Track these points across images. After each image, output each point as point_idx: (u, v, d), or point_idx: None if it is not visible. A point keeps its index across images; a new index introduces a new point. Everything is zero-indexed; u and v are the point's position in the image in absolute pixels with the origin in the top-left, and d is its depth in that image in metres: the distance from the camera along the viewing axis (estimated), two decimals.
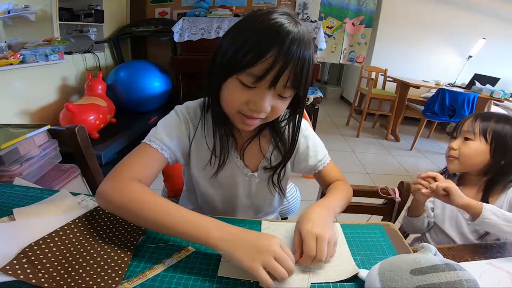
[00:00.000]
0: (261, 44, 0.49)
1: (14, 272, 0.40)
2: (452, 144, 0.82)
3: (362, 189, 0.90)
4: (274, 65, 0.48)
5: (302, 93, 0.55)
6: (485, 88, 3.01)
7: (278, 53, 0.48)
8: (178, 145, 0.62)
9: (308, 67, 0.52)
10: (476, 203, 0.68)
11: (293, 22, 0.51)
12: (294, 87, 0.53)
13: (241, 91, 0.53)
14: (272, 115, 0.57)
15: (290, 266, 0.44)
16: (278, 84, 0.51)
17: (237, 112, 0.55)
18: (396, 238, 0.58)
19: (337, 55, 4.11)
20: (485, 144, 0.77)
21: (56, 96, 2.48)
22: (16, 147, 0.87)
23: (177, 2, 3.43)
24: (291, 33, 0.49)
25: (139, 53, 3.54)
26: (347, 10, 3.89)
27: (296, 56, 0.49)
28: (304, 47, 0.51)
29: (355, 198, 0.91)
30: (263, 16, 0.52)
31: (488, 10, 3.69)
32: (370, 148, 3.17)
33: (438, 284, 0.36)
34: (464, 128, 0.82)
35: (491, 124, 0.77)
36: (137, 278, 0.44)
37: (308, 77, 0.53)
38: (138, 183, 0.53)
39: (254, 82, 0.51)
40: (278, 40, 0.49)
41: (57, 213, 0.55)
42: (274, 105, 0.54)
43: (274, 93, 0.53)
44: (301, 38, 0.50)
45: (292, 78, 0.51)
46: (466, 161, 0.80)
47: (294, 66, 0.50)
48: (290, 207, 1.01)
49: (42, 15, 2.40)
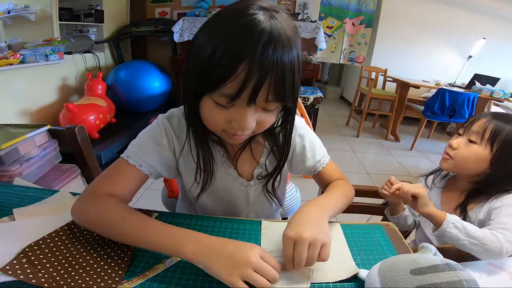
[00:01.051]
0: (230, 55, 0.41)
1: (14, 272, 0.40)
2: (452, 142, 0.76)
3: (362, 189, 0.90)
4: (248, 80, 0.41)
5: (290, 103, 0.48)
6: (485, 88, 3.01)
7: (251, 64, 0.41)
8: (159, 160, 0.57)
9: (292, 72, 0.44)
10: (439, 213, 0.65)
11: (268, 17, 0.42)
12: (278, 100, 0.46)
13: (219, 112, 0.47)
14: (260, 129, 0.51)
15: (271, 275, 0.42)
16: (257, 99, 0.44)
17: (221, 130, 0.51)
18: (396, 238, 0.58)
19: (337, 55, 4.11)
20: (489, 153, 0.70)
21: (56, 96, 2.49)
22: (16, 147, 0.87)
23: (177, 2, 3.43)
24: (265, 34, 0.41)
25: (139, 53, 3.55)
26: (347, 10, 3.90)
27: (275, 63, 0.41)
28: (283, 50, 0.42)
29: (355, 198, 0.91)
30: (234, 14, 0.44)
31: (488, 10, 3.69)
32: (370, 148, 3.17)
33: (438, 284, 0.36)
34: (473, 128, 0.73)
35: (505, 131, 0.69)
36: (137, 278, 0.44)
37: (295, 83, 0.46)
38: (113, 199, 0.51)
39: (229, 102, 0.44)
40: (249, 47, 0.40)
41: (57, 213, 0.55)
42: (260, 120, 0.49)
43: (257, 108, 0.46)
44: (278, 38, 0.41)
45: (273, 90, 0.44)
46: (460, 164, 0.75)
47: (274, 77, 0.42)
48: (290, 207, 1.00)
49: (42, 15, 2.40)
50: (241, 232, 0.57)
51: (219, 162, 0.62)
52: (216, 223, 0.59)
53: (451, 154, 0.76)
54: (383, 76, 3.60)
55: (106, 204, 0.50)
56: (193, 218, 0.60)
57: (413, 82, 3.09)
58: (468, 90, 3.07)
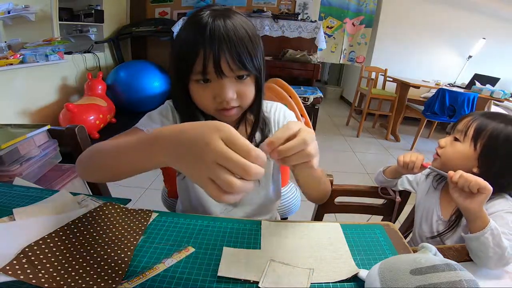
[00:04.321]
0: (191, 42, 0.53)
1: (14, 272, 0.40)
2: (440, 141, 0.77)
3: (362, 189, 0.90)
4: (207, 54, 0.51)
5: (253, 71, 0.56)
6: (485, 88, 3.01)
7: (206, 43, 0.51)
8: None
9: (243, 45, 0.53)
10: (486, 216, 0.59)
11: (214, 12, 0.53)
12: (239, 67, 0.53)
13: (203, 90, 0.56)
14: (244, 101, 0.58)
15: (242, 168, 0.30)
16: (223, 70, 0.52)
17: (214, 110, 0.58)
18: (396, 238, 0.58)
19: (337, 55, 4.11)
20: (473, 150, 0.70)
21: (56, 96, 2.49)
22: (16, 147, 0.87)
23: (177, 2, 3.44)
24: (210, 18, 0.52)
25: (139, 53, 3.55)
26: (347, 10, 3.90)
27: (225, 38, 0.51)
28: (231, 27, 0.52)
29: (355, 198, 0.91)
30: (189, 19, 0.56)
31: (488, 10, 3.69)
32: (370, 148, 3.17)
33: (438, 284, 0.36)
34: (458, 126, 0.75)
35: (489, 129, 0.68)
36: (137, 278, 0.44)
37: (251, 54, 0.54)
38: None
39: (203, 76, 0.54)
40: (202, 32, 0.51)
41: (57, 213, 0.55)
42: (239, 90, 0.56)
43: (230, 80, 0.55)
44: (223, 21, 0.52)
45: (230, 59, 0.52)
46: (446, 162, 0.75)
47: (226, 49, 0.51)
48: (290, 207, 1.00)
49: (42, 15, 2.40)
50: (241, 232, 0.57)
51: None
52: (216, 223, 0.59)
53: (439, 152, 0.77)
54: (383, 76, 3.60)
55: (94, 145, 0.52)
56: (193, 218, 0.60)
57: (413, 82, 3.09)
58: (468, 90, 3.07)
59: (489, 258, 0.57)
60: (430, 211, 0.80)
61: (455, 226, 0.72)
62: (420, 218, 0.84)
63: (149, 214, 0.59)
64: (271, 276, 0.45)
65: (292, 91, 1.24)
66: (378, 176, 0.91)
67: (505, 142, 0.66)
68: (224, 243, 0.53)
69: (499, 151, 0.67)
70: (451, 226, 0.72)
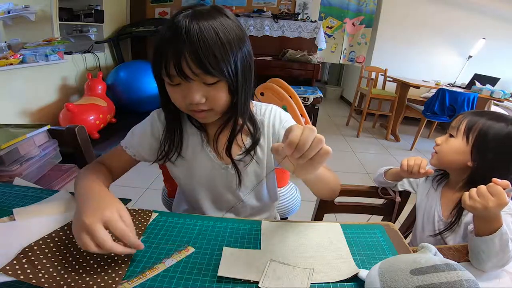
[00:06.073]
0: (159, 43, 0.53)
1: (14, 272, 0.40)
2: (437, 139, 0.81)
3: (362, 189, 0.90)
4: (169, 58, 0.51)
5: (219, 75, 0.53)
6: (485, 88, 3.01)
7: (169, 47, 0.51)
8: (140, 145, 0.68)
9: (208, 49, 0.50)
10: (500, 220, 0.57)
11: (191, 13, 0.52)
12: (203, 71, 0.51)
13: (174, 91, 0.56)
14: (214, 104, 0.57)
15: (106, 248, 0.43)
16: (186, 73, 0.51)
17: (187, 110, 0.59)
18: (396, 238, 0.58)
19: (337, 55, 4.11)
20: (466, 144, 0.73)
21: (56, 96, 2.49)
22: (16, 147, 0.87)
23: (177, 2, 3.44)
24: (183, 20, 0.51)
25: (139, 53, 3.55)
26: (347, 10, 3.90)
27: (186, 41, 0.50)
28: (193, 29, 0.50)
29: (355, 198, 0.91)
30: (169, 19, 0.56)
31: (488, 10, 3.69)
32: (370, 148, 3.17)
33: (438, 284, 0.36)
34: (452, 123, 0.79)
35: (479, 124, 0.72)
36: (137, 278, 0.44)
37: (224, 56, 0.52)
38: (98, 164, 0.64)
39: (170, 78, 0.54)
40: (169, 32, 0.52)
41: (57, 213, 0.55)
42: (208, 95, 0.55)
43: (198, 84, 0.54)
44: (188, 25, 0.50)
45: (192, 63, 0.50)
46: (442, 157, 0.78)
47: (189, 52, 0.50)
48: (290, 207, 1.00)
49: (42, 15, 2.40)
50: (241, 232, 0.57)
51: (198, 144, 0.68)
52: (216, 223, 0.59)
53: (436, 149, 0.80)
54: (383, 76, 3.60)
55: (90, 165, 0.64)
56: (193, 218, 0.60)
57: (413, 82, 3.09)
58: (468, 90, 3.07)
59: (489, 261, 0.57)
60: (431, 212, 0.81)
61: (455, 225, 0.73)
62: (422, 219, 0.84)
63: (149, 214, 0.59)
64: (271, 276, 0.45)
65: (292, 91, 1.25)
66: (378, 177, 0.91)
67: (495, 136, 0.70)
68: (224, 243, 0.53)
69: (489, 144, 0.70)
70: (451, 225, 0.73)
